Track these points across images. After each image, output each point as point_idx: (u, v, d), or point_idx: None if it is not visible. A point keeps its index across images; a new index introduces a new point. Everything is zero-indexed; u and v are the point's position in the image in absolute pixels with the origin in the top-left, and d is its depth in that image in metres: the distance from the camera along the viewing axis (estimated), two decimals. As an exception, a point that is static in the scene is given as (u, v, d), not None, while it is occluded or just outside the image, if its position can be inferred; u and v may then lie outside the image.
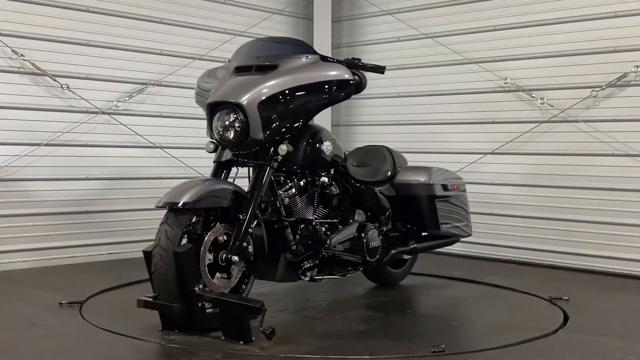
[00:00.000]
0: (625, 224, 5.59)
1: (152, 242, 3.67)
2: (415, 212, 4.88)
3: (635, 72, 5.52)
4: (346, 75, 4.02)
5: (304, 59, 4.00)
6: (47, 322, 3.94)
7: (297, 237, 4.09)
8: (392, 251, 4.66)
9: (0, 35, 5.44)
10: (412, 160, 6.81)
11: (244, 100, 3.82)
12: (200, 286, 3.60)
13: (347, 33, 7.45)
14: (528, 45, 6.14)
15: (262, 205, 3.94)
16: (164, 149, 6.36)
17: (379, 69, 4.17)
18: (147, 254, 3.68)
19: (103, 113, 6.00)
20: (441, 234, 5.00)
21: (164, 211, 3.70)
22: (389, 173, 4.85)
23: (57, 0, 5.74)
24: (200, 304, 3.58)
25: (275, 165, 3.95)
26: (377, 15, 7.18)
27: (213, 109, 3.94)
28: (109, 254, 5.98)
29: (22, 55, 5.52)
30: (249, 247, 3.84)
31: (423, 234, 4.97)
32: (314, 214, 4.27)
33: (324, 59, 4.07)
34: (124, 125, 6.11)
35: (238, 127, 3.84)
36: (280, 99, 3.88)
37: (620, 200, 5.63)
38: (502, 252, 6.25)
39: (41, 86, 5.69)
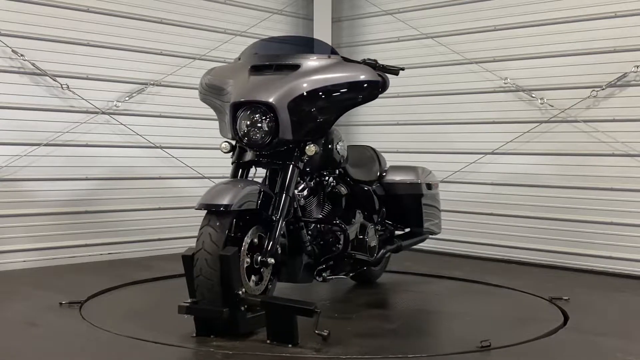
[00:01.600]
0: (625, 224, 5.59)
1: (189, 246, 3.60)
2: (403, 211, 4.93)
3: (635, 72, 5.52)
4: (374, 76, 4.02)
5: (326, 59, 3.99)
6: (47, 322, 3.93)
7: (311, 237, 4.08)
8: (382, 250, 4.68)
9: (0, 35, 5.44)
10: (412, 160, 6.84)
11: (275, 99, 3.74)
12: (243, 290, 3.52)
13: (347, 33, 7.45)
14: (528, 45, 6.14)
15: None
16: (164, 149, 6.36)
17: (395, 71, 4.18)
18: (188, 259, 3.55)
19: (103, 113, 6.00)
20: (423, 231, 5.05)
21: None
22: (379, 173, 4.89)
23: (57, 0, 5.74)
24: (242, 308, 3.50)
25: (301, 165, 3.92)
26: (377, 15, 7.18)
27: (235, 108, 3.83)
28: (109, 254, 5.98)
29: (22, 55, 5.52)
30: (279, 249, 3.80)
31: (397, 232, 5.02)
32: (324, 214, 4.27)
33: (344, 59, 4.07)
34: (124, 125, 6.11)
35: (267, 127, 3.76)
36: (310, 99, 3.83)
37: (620, 200, 5.63)
38: (502, 252, 6.25)
39: (41, 86, 5.69)
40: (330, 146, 4.09)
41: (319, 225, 4.16)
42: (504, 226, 6.28)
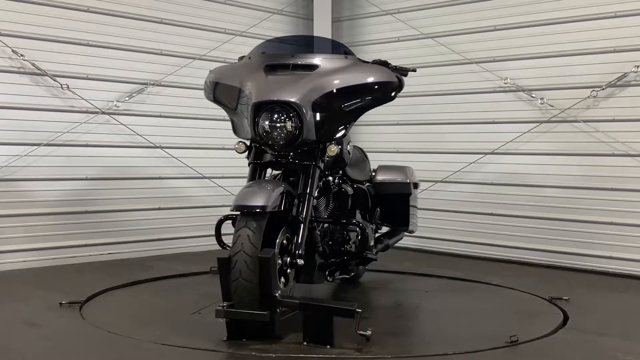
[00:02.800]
0: (625, 224, 5.59)
1: (224, 249, 3.56)
2: (392, 210, 4.93)
3: (635, 72, 5.52)
4: (392, 78, 4.03)
5: (343, 59, 3.99)
6: (47, 322, 3.93)
7: (324, 237, 4.07)
8: (375, 248, 4.69)
9: (0, 35, 5.44)
10: (412, 160, 6.84)
11: (300, 99, 3.72)
12: (279, 292, 3.48)
13: (347, 33, 7.45)
14: (528, 45, 6.14)
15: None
16: (164, 149, 6.36)
17: (406, 72, 4.18)
18: (225, 261, 3.47)
19: (103, 113, 6.00)
20: (407, 230, 5.08)
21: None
22: (371, 172, 4.90)
23: (57, 0, 5.74)
24: (278, 310, 3.47)
25: (322, 165, 3.91)
26: (377, 15, 7.18)
27: (257, 108, 3.77)
28: (109, 254, 5.98)
29: (22, 55, 5.52)
30: None
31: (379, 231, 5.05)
32: (332, 214, 4.27)
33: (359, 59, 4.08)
34: (124, 125, 6.11)
35: (291, 127, 3.73)
36: (333, 99, 3.83)
37: (620, 200, 5.63)
38: (502, 252, 6.25)
39: (41, 86, 5.69)
40: (341, 147, 4.09)
41: (330, 226, 4.15)
42: (504, 226, 6.28)
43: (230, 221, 3.85)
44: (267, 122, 3.74)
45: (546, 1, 6.04)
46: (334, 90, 3.82)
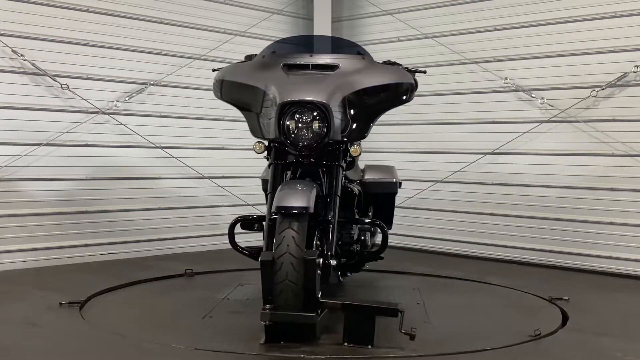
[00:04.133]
0: (625, 224, 5.59)
1: (266, 251, 3.50)
2: (379, 209, 4.93)
3: (635, 72, 5.52)
4: (410, 79, 4.06)
5: (361, 60, 4.01)
6: (47, 322, 3.93)
7: (339, 237, 4.07)
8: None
9: (0, 35, 5.44)
10: (413, 160, 6.85)
11: (327, 99, 3.70)
12: (320, 293, 3.46)
13: (347, 33, 7.45)
14: (528, 45, 6.14)
15: None
16: (164, 149, 6.36)
17: (417, 73, 4.20)
18: (268, 263, 3.40)
19: (103, 113, 6.00)
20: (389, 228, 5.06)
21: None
22: (361, 172, 4.91)
23: (57, 0, 5.74)
24: (319, 312, 3.45)
25: (345, 165, 3.90)
26: (377, 15, 7.18)
27: (283, 108, 3.72)
28: (109, 254, 5.98)
29: (22, 55, 5.52)
30: None
31: None
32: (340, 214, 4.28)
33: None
34: (124, 125, 6.11)
35: (319, 127, 3.70)
36: (357, 99, 3.84)
37: (620, 200, 5.63)
38: (502, 252, 6.25)
39: (41, 86, 5.69)
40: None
41: (346, 226, 4.15)
42: (504, 226, 6.28)
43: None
44: (294, 122, 3.71)
45: (546, 1, 6.04)
46: (359, 91, 3.84)
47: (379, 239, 4.52)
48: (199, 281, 5.17)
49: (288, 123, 3.71)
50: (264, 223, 3.88)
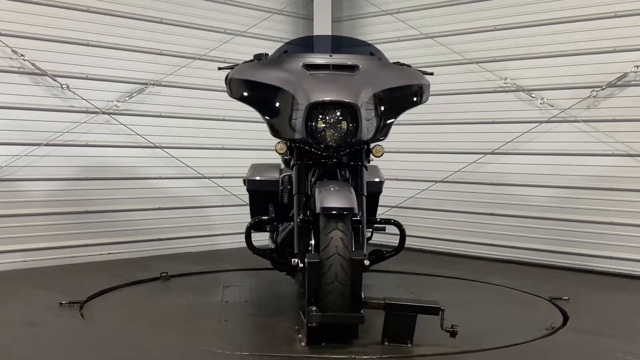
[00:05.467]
0: (625, 224, 5.59)
1: (308, 253, 3.46)
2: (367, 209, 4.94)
3: (635, 72, 5.52)
4: (427, 81, 4.10)
5: (378, 60, 4.04)
6: (47, 322, 3.93)
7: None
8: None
9: (0, 35, 5.44)
10: (413, 160, 6.84)
11: (356, 99, 3.70)
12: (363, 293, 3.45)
13: (347, 33, 7.43)
14: (528, 45, 6.14)
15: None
16: (164, 149, 6.36)
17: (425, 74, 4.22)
18: (316, 264, 3.36)
19: (103, 113, 6.00)
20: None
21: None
22: None
23: (57, 0, 5.74)
24: (362, 311, 3.45)
25: (367, 165, 3.91)
26: (377, 15, 7.18)
27: (312, 108, 3.69)
28: (109, 254, 5.98)
29: (22, 55, 5.52)
30: None
31: None
32: None
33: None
34: (124, 125, 6.11)
35: (347, 127, 3.70)
36: (382, 100, 3.87)
37: (620, 200, 5.63)
38: (502, 252, 6.25)
39: (41, 86, 5.69)
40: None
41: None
42: (504, 226, 6.28)
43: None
44: (322, 122, 3.70)
45: (546, 1, 6.04)
46: (383, 91, 3.86)
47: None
48: (178, 284, 5.07)
49: (317, 123, 3.70)
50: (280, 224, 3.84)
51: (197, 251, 6.47)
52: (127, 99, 6.14)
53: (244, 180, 5.08)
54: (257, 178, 4.88)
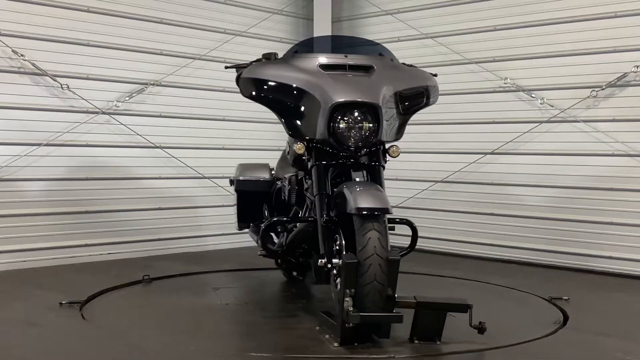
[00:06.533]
0: (625, 224, 5.59)
1: (342, 254, 3.45)
2: None
3: (635, 72, 5.52)
4: (436, 82, 4.15)
5: (390, 61, 4.05)
6: (47, 322, 3.93)
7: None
8: None
9: (0, 35, 5.44)
10: (413, 160, 6.84)
11: (379, 100, 3.73)
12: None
13: (347, 33, 7.43)
14: (528, 45, 6.14)
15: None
16: (164, 149, 6.36)
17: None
18: (354, 265, 3.35)
19: (103, 113, 6.00)
20: None
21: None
22: None
23: (57, 0, 5.74)
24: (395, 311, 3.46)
25: (385, 165, 3.93)
26: (377, 15, 7.18)
27: (335, 108, 3.69)
28: (109, 254, 5.98)
29: (22, 55, 5.52)
30: None
31: None
32: None
33: None
34: (124, 125, 6.11)
35: (369, 127, 3.72)
36: (399, 100, 3.91)
37: (620, 200, 5.63)
38: (502, 252, 6.25)
39: (41, 86, 5.69)
40: None
41: None
42: (504, 226, 6.28)
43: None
44: (345, 123, 3.71)
45: (546, 1, 6.04)
46: (400, 92, 3.90)
47: None
48: (162, 287, 5.00)
49: (339, 124, 3.70)
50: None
51: (197, 251, 6.47)
52: (127, 99, 6.14)
53: (232, 180, 5.07)
54: (248, 178, 4.87)
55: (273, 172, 5.00)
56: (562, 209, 5.91)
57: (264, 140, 6.77)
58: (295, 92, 3.82)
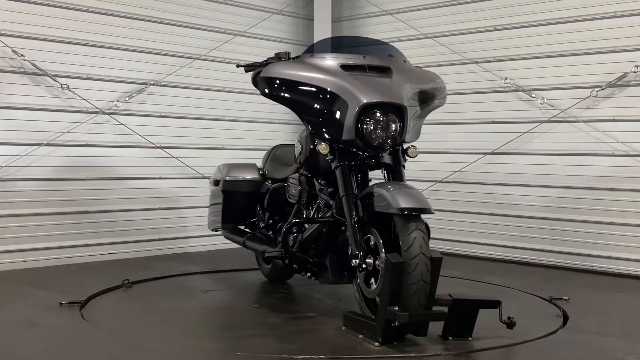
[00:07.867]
0: (625, 224, 5.59)
1: (388, 255, 3.44)
2: None
3: (635, 72, 5.52)
4: (444, 82, 4.20)
5: (403, 62, 4.09)
6: (47, 322, 3.93)
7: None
8: None
9: (0, 35, 5.44)
10: (412, 160, 6.81)
11: (403, 101, 3.78)
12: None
13: (347, 33, 7.43)
14: (528, 45, 6.14)
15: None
16: (164, 149, 6.36)
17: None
18: (399, 265, 3.38)
19: (103, 113, 6.00)
20: None
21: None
22: None
23: (57, 0, 5.74)
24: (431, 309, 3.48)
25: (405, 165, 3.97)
26: (377, 15, 7.18)
27: (364, 109, 3.71)
28: (109, 254, 5.98)
29: (22, 55, 5.52)
30: None
31: None
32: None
33: None
34: (124, 125, 6.11)
35: (397, 128, 3.77)
36: (419, 101, 3.95)
37: (620, 200, 5.63)
38: (502, 252, 6.25)
39: (41, 86, 5.69)
40: None
41: None
42: (504, 226, 6.28)
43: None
44: (373, 124, 3.74)
45: (546, 1, 6.04)
46: (418, 92, 3.94)
47: None
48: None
49: (367, 125, 3.73)
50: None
51: (197, 251, 6.47)
52: (127, 99, 6.14)
53: (217, 181, 5.01)
54: (236, 178, 4.85)
55: (261, 172, 4.98)
56: (562, 209, 5.91)
57: (264, 140, 6.76)
58: (319, 92, 3.81)
